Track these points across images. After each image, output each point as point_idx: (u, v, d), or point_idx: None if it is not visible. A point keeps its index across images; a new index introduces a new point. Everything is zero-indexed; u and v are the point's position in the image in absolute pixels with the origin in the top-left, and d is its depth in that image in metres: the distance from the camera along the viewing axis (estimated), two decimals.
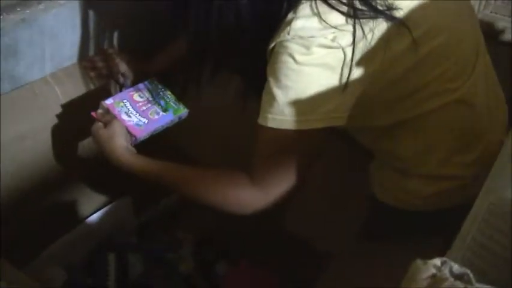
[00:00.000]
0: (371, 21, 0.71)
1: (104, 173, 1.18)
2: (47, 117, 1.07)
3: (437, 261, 0.55)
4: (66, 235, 1.09)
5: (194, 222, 1.18)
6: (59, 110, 1.08)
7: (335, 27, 0.70)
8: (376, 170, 0.93)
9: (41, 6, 1.01)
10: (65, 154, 1.11)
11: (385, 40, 0.73)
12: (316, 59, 0.70)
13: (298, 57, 0.70)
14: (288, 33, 0.71)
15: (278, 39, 0.72)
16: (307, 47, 0.70)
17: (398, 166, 0.88)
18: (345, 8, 0.71)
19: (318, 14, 0.70)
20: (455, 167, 0.85)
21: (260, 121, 0.75)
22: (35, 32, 1.01)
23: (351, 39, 0.70)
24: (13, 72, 1.00)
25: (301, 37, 0.70)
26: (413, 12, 0.75)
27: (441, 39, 0.78)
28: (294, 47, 0.71)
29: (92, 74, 1.11)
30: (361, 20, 0.71)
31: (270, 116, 0.74)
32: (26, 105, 1.03)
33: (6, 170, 1.02)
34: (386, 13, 0.72)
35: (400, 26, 0.73)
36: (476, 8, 1.10)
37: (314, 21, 0.70)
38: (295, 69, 0.71)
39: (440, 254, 0.69)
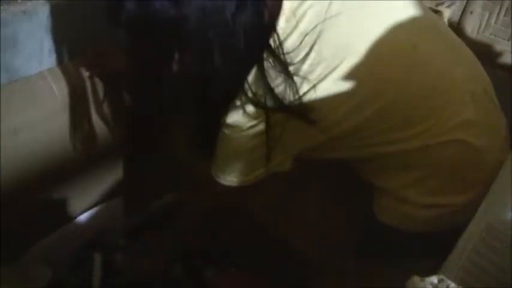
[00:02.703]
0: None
1: (96, 172, 1.18)
2: (42, 112, 1.06)
3: (434, 278, 0.56)
4: (55, 233, 1.07)
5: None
6: (54, 106, 1.07)
7: None
8: (376, 192, 0.93)
9: (41, 0, 1.00)
10: (57, 151, 1.10)
11: None
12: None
13: None
14: None
15: None
16: None
17: (392, 194, 0.90)
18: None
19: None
20: (448, 196, 0.86)
21: None
22: (35, 26, 1.00)
23: None
24: (11, 64, 0.99)
25: None
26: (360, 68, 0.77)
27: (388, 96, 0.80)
28: None
29: (88, 72, 1.11)
30: None
31: None
32: (21, 98, 1.02)
33: None
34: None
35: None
36: (476, 29, 1.12)
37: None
38: None
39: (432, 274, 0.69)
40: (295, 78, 0.75)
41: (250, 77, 0.76)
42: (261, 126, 0.79)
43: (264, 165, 0.84)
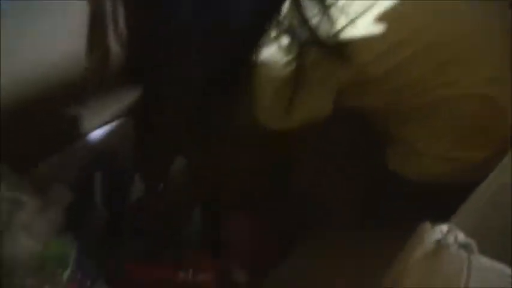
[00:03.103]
0: None
1: (107, 94, 1.17)
2: (56, 29, 1.04)
3: (444, 227, 0.56)
4: (63, 151, 1.08)
5: None
6: (77, 17, 1.04)
7: None
8: (393, 144, 0.93)
9: None
10: (68, 70, 1.08)
11: None
12: None
13: None
14: None
15: None
16: None
17: (412, 145, 0.90)
18: None
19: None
20: (468, 150, 0.86)
21: None
22: None
23: None
24: None
25: None
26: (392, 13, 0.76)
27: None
28: None
29: None
30: None
31: None
32: (42, 7, 1.00)
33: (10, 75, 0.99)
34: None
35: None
36: None
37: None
38: None
39: None
40: (332, 10, 0.74)
41: (285, 8, 0.74)
42: (297, 63, 0.77)
43: (305, 110, 0.82)
